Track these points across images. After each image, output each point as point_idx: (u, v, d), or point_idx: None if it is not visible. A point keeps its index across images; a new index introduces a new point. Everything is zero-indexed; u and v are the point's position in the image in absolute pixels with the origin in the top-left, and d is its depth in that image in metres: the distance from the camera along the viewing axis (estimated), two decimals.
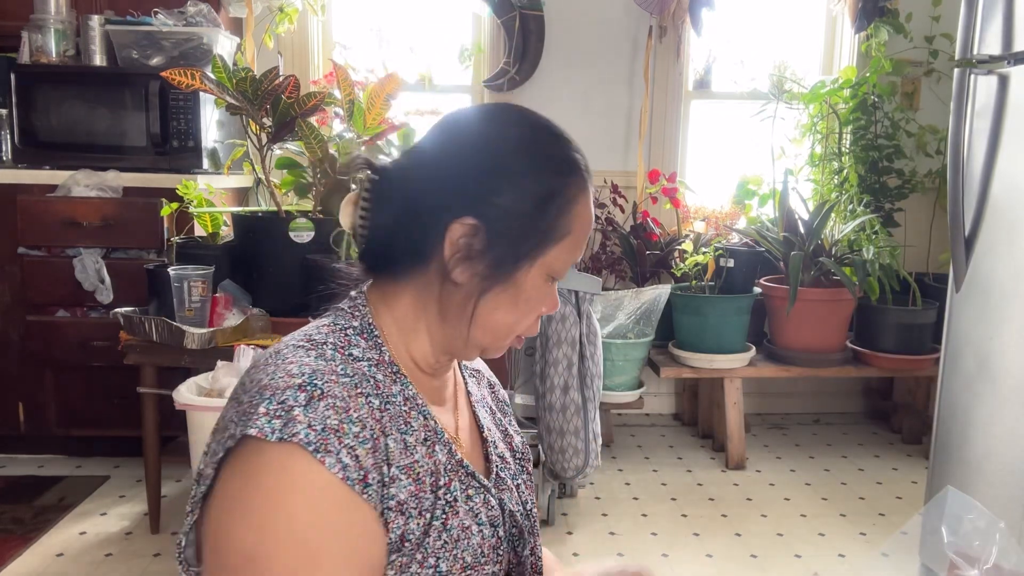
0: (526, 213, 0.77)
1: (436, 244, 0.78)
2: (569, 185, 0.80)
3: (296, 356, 0.73)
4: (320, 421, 0.67)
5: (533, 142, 0.81)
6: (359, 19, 3.32)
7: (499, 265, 0.78)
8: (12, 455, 2.79)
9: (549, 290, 0.83)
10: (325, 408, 0.68)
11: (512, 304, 0.80)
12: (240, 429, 0.67)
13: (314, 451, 0.65)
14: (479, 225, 0.77)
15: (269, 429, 0.65)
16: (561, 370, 2.27)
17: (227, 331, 2.13)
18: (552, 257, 0.79)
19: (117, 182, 2.55)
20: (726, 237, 3.03)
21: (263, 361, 0.75)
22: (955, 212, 1.85)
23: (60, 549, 2.19)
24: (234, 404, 0.73)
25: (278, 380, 0.69)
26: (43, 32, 2.68)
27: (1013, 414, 1.70)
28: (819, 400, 3.53)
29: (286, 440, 0.65)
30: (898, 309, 2.85)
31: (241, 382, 0.76)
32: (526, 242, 0.78)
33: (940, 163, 3.07)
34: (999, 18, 1.73)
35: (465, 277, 0.78)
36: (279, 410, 0.66)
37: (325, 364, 0.72)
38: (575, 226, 0.80)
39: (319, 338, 0.77)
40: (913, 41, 3.05)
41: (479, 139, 0.81)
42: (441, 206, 0.78)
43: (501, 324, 0.81)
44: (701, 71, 3.37)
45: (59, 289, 2.56)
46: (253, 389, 0.70)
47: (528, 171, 0.79)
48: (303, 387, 0.68)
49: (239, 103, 2.09)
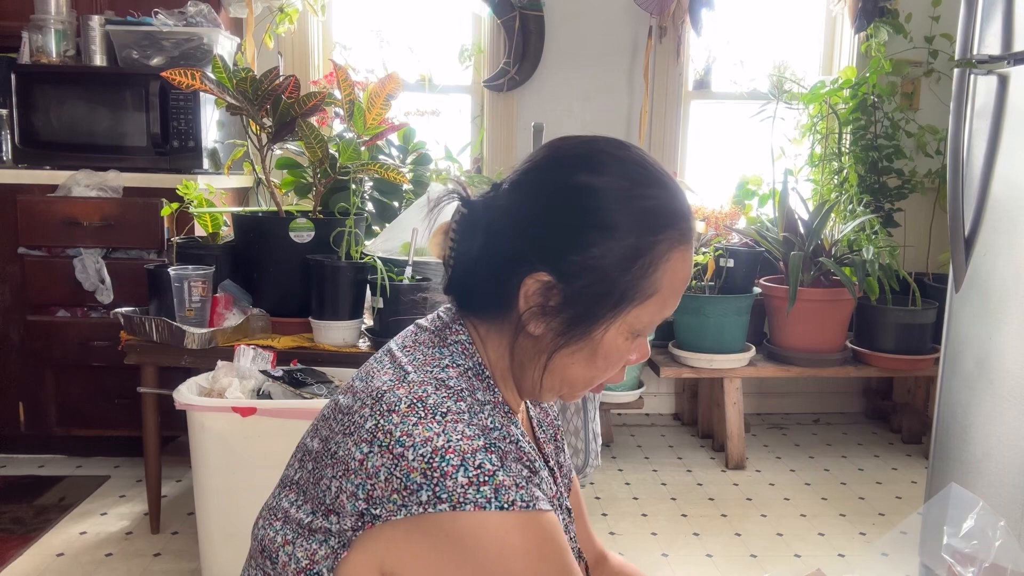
0: (607, 273, 0.72)
1: (512, 295, 0.75)
2: (661, 242, 0.73)
3: (448, 409, 0.70)
4: (520, 477, 0.68)
5: (626, 195, 0.73)
6: (359, 19, 3.32)
7: (575, 324, 0.74)
8: (12, 455, 2.79)
9: (635, 345, 0.78)
10: (514, 463, 0.69)
11: (589, 361, 0.76)
12: (441, 501, 0.65)
13: (532, 507, 0.67)
14: (554, 283, 0.73)
15: (484, 499, 0.65)
16: None
17: (227, 331, 2.14)
18: (634, 317, 0.75)
19: (117, 182, 2.55)
20: (726, 237, 3.03)
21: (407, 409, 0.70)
22: (955, 212, 1.85)
23: (60, 549, 2.19)
24: (381, 452, 0.69)
25: (459, 443, 0.67)
26: (43, 32, 2.68)
27: (1013, 414, 1.71)
28: (819, 400, 3.54)
29: (507, 509, 0.66)
30: (898, 309, 2.85)
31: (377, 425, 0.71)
32: (605, 303, 0.73)
33: (940, 163, 3.07)
34: (999, 18, 1.74)
35: (540, 331, 0.75)
36: (480, 475, 0.66)
37: (479, 419, 0.71)
38: (663, 284, 0.74)
39: (454, 384, 0.74)
40: (913, 41, 3.05)
41: (566, 186, 0.74)
42: (518, 256, 0.74)
43: (578, 378, 0.78)
44: (701, 71, 3.37)
45: (59, 289, 2.57)
46: (424, 448, 0.67)
47: (614, 228, 0.72)
48: (490, 448, 0.68)
49: (239, 103, 2.09)
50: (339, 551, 0.70)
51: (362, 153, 2.25)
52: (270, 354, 2.00)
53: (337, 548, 0.70)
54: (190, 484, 2.21)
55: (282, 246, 2.21)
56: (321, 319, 2.14)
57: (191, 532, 2.26)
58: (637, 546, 2.29)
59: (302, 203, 2.61)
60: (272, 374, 1.93)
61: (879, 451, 3.09)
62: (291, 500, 0.76)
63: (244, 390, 1.89)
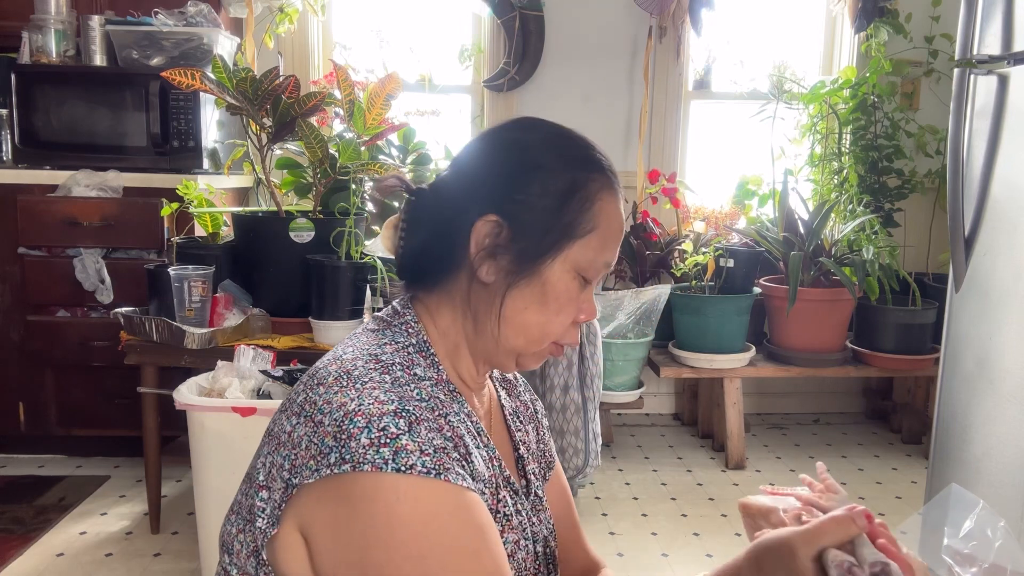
0: (548, 207, 0.78)
1: (464, 247, 0.79)
2: (592, 180, 0.80)
3: (371, 378, 0.72)
4: (429, 444, 0.68)
5: (555, 142, 0.83)
6: (359, 19, 3.32)
7: (523, 259, 0.78)
8: (12, 455, 2.79)
9: (583, 294, 0.82)
10: (426, 431, 0.69)
11: (541, 302, 0.79)
12: (344, 461, 0.66)
13: (436, 475, 0.66)
14: (502, 221, 0.78)
15: (381, 460, 0.65)
16: (561, 370, 2.27)
17: (227, 331, 2.14)
18: (577, 253, 0.79)
19: (117, 182, 2.55)
20: (726, 237, 3.03)
21: (333, 381, 0.73)
22: (955, 212, 1.85)
23: (60, 549, 2.19)
24: (305, 422, 0.71)
25: (369, 406, 0.69)
26: (43, 32, 2.68)
27: (1013, 414, 1.71)
28: (819, 400, 3.54)
29: (404, 472, 0.65)
30: (898, 309, 2.85)
31: (306, 399, 0.73)
32: (548, 235, 0.78)
33: (940, 163, 3.07)
34: (999, 18, 1.74)
35: (492, 275, 0.79)
36: (383, 437, 0.66)
37: (402, 389, 0.72)
38: (600, 222, 0.80)
39: (386, 359, 0.76)
40: (913, 41, 3.05)
41: (502, 142, 0.84)
42: (467, 208, 0.80)
43: (532, 324, 0.80)
44: (701, 71, 3.37)
45: (59, 289, 2.57)
46: (337, 412, 0.69)
47: (550, 167, 0.80)
48: (399, 413, 0.69)
49: (239, 103, 2.09)
50: (273, 526, 0.71)
51: (362, 153, 2.25)
52: (270, 354, 2.00)
53: (271, 523, 0.71)
54: (190, 484, 2.21)
55: (282, 246, 2.21)
56: (321, 319, 2.14)
57: (191, 532, 2.26)
58: (637, 546, 2.29)
59: (302, 203, 2.61)
60: (272, 374, 1.93)
61: (879, 451, 3.09)
62: (242, 490, 0.78)
63: (244, 390, 1.89)
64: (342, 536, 0.67)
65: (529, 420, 0.99)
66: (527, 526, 0.83)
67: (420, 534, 0.65)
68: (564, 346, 0.84)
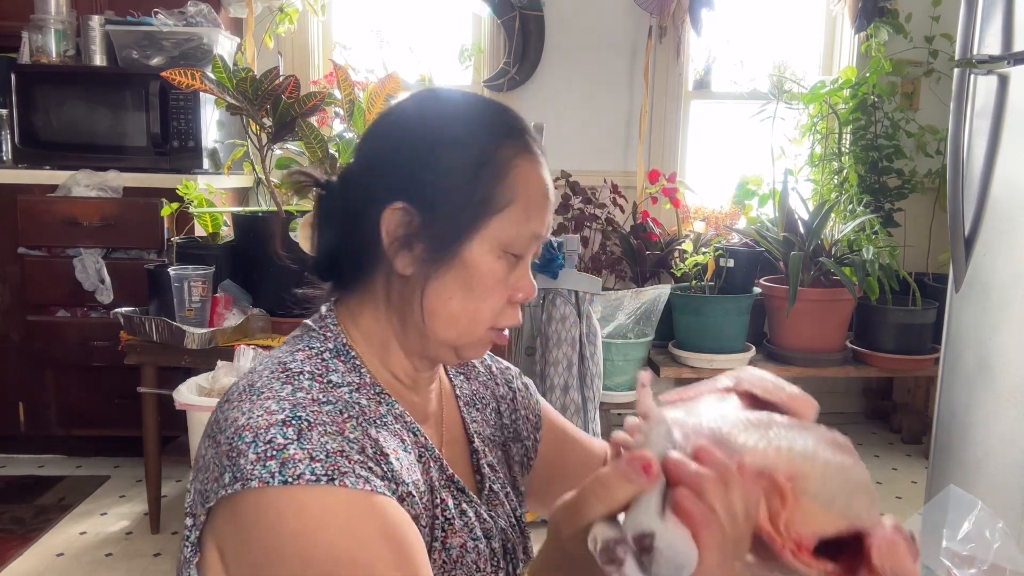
0: (457, 185, 0.72)
1: (377, 240, 0.74)
2: (504, 147, 0.74)
3: (270, 388, 0.68)
4: (321, 449, 0.63)
5: (456, 113, 0.76)
6: (359, 19, 3.32)
7: (438, 245, 0.72)
8: (12, 455, 2.79)
9: (516, 272, 0.76)
10: (319, 436, 0.64)
11: (465, 289, 0.73)
12: (236, 480, 0.62)
13: (329, 481, 0.62)
14: (409, 207, 0.72)
15: (268, 474, 0.61)
16: (561, 370, 2.27)
17: (227, 331, 2.14)
18: (497, 230, 0.73)
19: (117, 182, 2.55)
20: (726, 237, 3.02)
21: (236, 396, 0.69)
22: (955, 212, 1.85)
23: (60, 549, 2.19)
24: (211, 443, 0.68)
25: (257, 419, 0.64)
26: (43, 32, 2.68)
27: (1013, 414, 1.70)
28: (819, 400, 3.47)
29: (291, 484, 0.61)
30: (898, 309, 2.85)
31: (215, 419, 0.70)
32: (462, 215, 0.72)
33: (940, 163, 3.07)
34: (999, 18, 1.73)
35: (409, 266, 0.73)
36: (269, 450, 0.62)
37: (304, 395, 0.67)
38: (518, 193, 0.73)
39: (295, 367, 0.71)
40: (913, 41, 3.05)
41: (404, 120, 0.78)
42: (374, 198, 0.74)
43: (460, 313, 0.74)
44: (701, 71, 3.37)
45: (59, 289, 2.57)
46: (230, 430, 0.65)
47: (455, 140, 0.73)
48: (287, 422, 0.64)
49: (239, 103, 2.09)
50: (195, 553, 0.68)
51: None
52: None
53: (193, 551, 0.68)
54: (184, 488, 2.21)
55: (282, 246, 2.21)
56: None
57: None
58: None
59: (302, 203, 2.61)
60: None
61: (879, 451, 3.09)
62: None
63: None
64: (241, 556, 0.65)
65: (488, 403, 0.93)
66: (475, 526, 0.78)
67: (306, 546, 0.60)
68: (504, 330, 0.78)
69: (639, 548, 0.45)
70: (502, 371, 0.97)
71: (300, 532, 0.60)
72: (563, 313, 2.26)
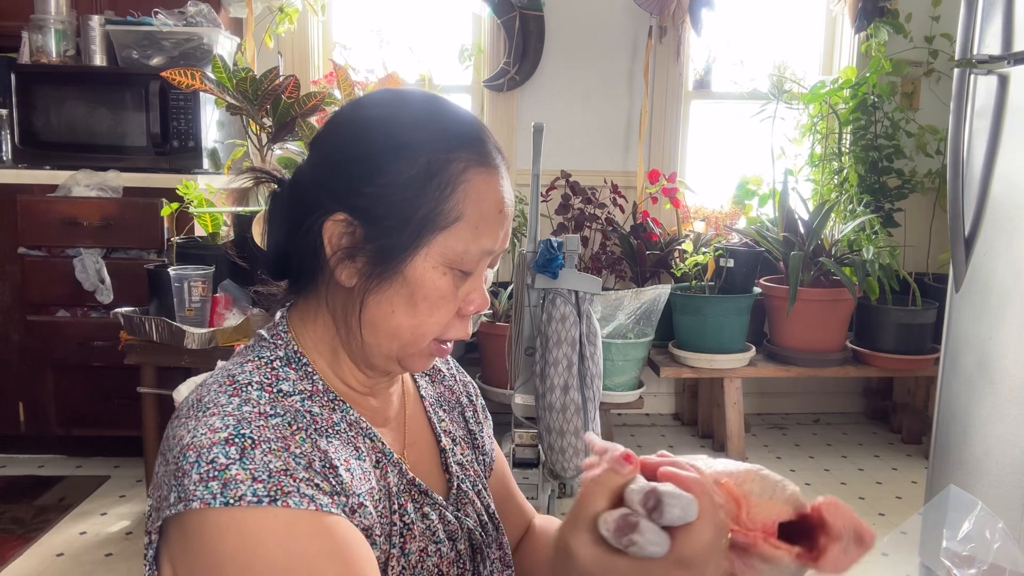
0: (401, 199, 0.69)
1: (321, 248, 0.71)
2: (455, 160, 0.70)
3: (215, 403, 0.66)
4: (263, 469, 0.62)
5: (411, 119, 0.72)
6: (359, 19, 3.32)
7: (380, 259, 0.70)
8: (12, 455, 2.79)
9: (467, 285, 0.73)
10: (263, 454, 0.63)
11: (408, 304, 0.71)
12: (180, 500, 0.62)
13: (271, 501, 0.61)
14: (352, 220, 0.70)
15: (210, 495, 0.60)
16: (561, 370, 2.27)
17: (227, 331, 2.14)
18: (442, 246, 0.70)
19: (117, 182, 2.55)
20: (726, 237, 3.03)
21: (184, 412, 0.68)
22: (955, 212, 1.85)
23: (60, 549, 2.19)
24: (162, 461, 0.67)
25: (201, 438, 0.63)
26: (43, 32, 2.68)
27: (1013, 414, 1.70)
28: (819, 400, 3.53)
29: (233, 505, 0.60)
30: (898, 309, 2.85)
31: (166, 435, 0.68)
32: (405, 230, 0.69)
33: (940, 163, 3.07)
34: (999, 18, 1.73)
35: (351, 278, 0.71)
36: (211, 471, 0.61)
37: (251, 409, 0.66)
38: (467, 209, 0.70)
39: (243, 378, 0.69)
40: (913, 41, 3.05)
41: (353, 124, 0.74)
42: (319, 204, 0.71)
43: (403, 327, 0.72)
44: (701, 71, 3.37)
45: (59, 289, 2.57)
46: (176, 448, 0.64)
47: (400, 150, 0.70)
48: (231, 440, 0.63)
49: (239, 103, 2.09)
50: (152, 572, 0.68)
51: None
52: None
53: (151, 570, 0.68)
54: None
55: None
56: None
57: None
58: None
59: None
60: None
61: (879, 451, 3.09)
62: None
63: None
64: (180, 568, 0.64)
65: (455, 406, 0.92)
66: (438, 529, 0.77)
67: (246, 567, 0.59)
68: (447, 343, 0.75)
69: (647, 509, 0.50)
70: (464, 384, 0.96)
71: (240, 551, 0.60)
72: (563, 313, 2.26)
